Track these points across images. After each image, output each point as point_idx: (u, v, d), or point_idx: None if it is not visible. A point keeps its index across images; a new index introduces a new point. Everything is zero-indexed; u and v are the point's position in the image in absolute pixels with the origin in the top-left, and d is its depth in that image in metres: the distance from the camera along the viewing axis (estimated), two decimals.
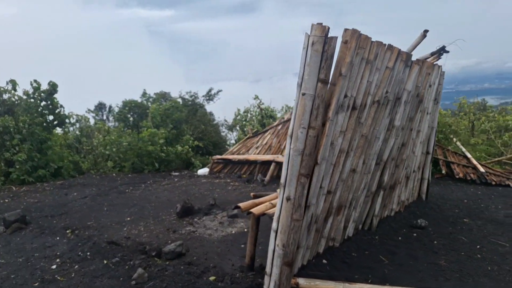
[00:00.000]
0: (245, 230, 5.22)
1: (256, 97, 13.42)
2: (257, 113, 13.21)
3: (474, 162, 8.74)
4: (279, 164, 8.07)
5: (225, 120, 14.58)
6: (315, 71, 2.73)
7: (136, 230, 5.50)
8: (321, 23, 2.69)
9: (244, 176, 8.67)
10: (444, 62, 5.46)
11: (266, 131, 9.49)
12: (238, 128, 14.14)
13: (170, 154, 11.58)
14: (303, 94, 2.78)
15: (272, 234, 3.14)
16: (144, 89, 16.15)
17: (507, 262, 3.96)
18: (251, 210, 3.48)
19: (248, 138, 10.17)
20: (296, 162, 2.88)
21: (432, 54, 5.19)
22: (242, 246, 4.67)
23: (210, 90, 13.24)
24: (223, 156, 9.36)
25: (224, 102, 16.30)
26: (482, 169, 8.36)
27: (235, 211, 5.72)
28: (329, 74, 2.77)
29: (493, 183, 8.04)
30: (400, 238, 4.66)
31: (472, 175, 8.30)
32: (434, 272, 3.71)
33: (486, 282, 3.53)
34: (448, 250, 4.30)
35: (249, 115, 14.48)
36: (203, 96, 13.29)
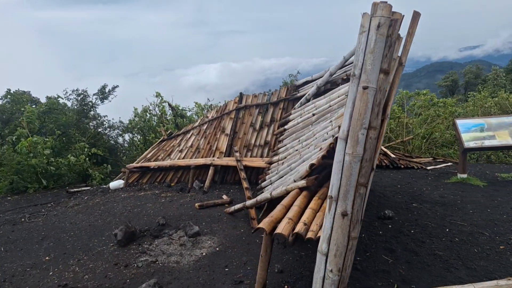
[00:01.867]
0: (217, 249, 4.48)
1: (158, 95, 12.11)
2: (166, 113, 11.91)
3: (384, 149, 9.60)
4: (216, 168, 7.35)
5: (121, 122, 12.81)
6: (379, 60, 2.29)
7: (70, 272, 4.18)
8: (386, 1, 2.26)
9: (173, 184, 7.65)
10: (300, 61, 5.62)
11: (187, 131, 8.56)
12: (136, 129, 12.59)
13: (61, 167, 9.57)
14: (365, 88, 2.31)
15: (321, 258, 2.60)
16: (8, 89, 13.03)
17: (481, 242, 4.26)
18: (280, 231, 2.84)
19: (162, 141, 9.05)
20: (354, 170, 2.41)
21: None
22: (227, 269, 3.95)
23: (104, 87, 11.32)
24: (142, 164, 8.09)
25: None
26: (392, 155, 9.23)
27: (196, 228, 4.88)
28: (392, 63, 2.37)
29: (402, 166, 8.94)
30: (381, 232, 4.62)
31: (385, 161, 9.07)
32: (441, 264, 3.72)
33: (486, 265, 3.69)
34: (430, 237, 4.42)
35: (148, 114, 13.06)
36: (95, 94, 11.32)
